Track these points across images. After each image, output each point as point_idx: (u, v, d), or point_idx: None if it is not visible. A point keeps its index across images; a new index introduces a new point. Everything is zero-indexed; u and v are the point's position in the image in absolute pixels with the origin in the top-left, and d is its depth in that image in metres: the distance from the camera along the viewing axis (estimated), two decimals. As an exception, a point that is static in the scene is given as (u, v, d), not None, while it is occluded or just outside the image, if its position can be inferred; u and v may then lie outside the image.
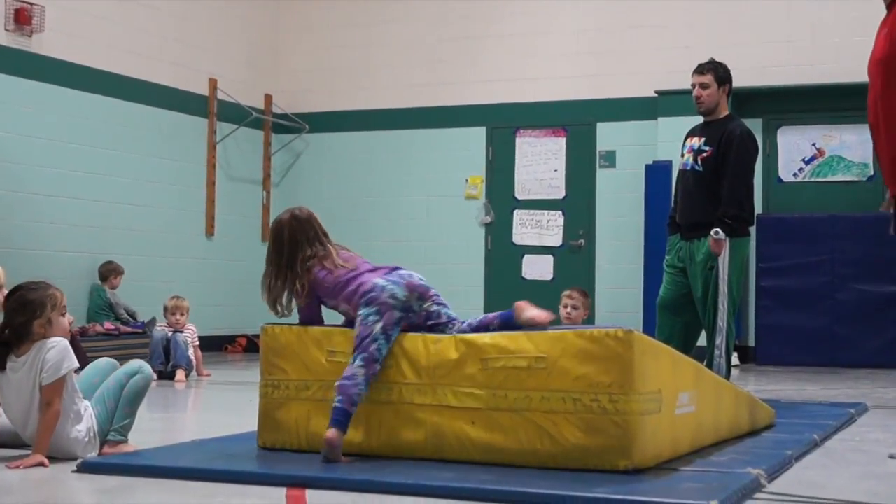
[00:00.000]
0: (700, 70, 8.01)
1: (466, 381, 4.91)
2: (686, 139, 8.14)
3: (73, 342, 8.74)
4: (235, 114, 14.34)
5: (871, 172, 13.12)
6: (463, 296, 14.26)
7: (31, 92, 11.67)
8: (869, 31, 13.10)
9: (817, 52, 13.15)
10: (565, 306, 8.43)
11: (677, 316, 7.97)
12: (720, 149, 7.77)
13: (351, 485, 4.42)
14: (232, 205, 14.46)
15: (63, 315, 5.20)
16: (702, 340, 8.02)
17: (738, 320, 8.50)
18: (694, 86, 7.99)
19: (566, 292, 8.54)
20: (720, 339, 7.62)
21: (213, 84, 14.12)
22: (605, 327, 4.82)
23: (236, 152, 14.59)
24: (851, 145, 13.24)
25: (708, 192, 7.79)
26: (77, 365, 5.12)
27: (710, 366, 7.41)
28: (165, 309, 10.55)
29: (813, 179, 13.15)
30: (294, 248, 5.40)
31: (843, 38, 13.03)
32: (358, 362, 4.99)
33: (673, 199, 8.34)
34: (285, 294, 5.36)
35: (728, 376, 7.56)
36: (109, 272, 12.23)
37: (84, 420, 5.15)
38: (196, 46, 13.98)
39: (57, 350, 5.05)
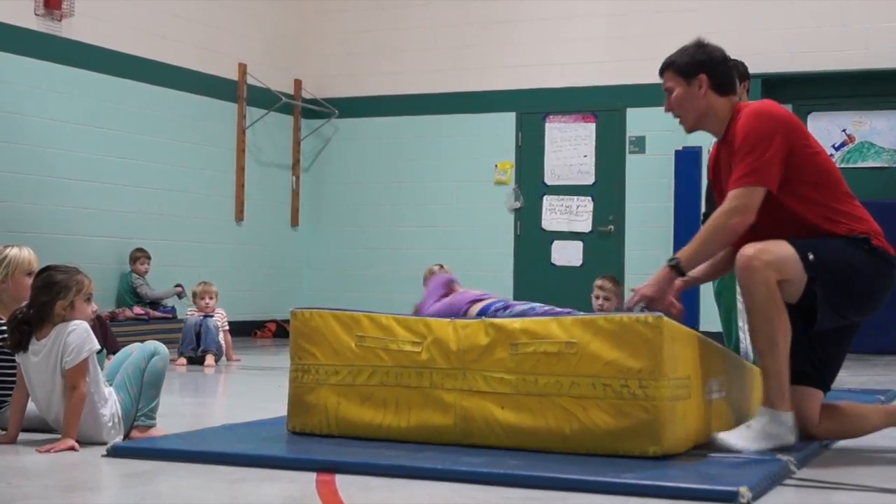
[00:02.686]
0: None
1: (496, 366, 4.91)
2: None
3: (103, 327, 8.84)
4: (265, 99, 14.35)
5: (902, 158, 13.07)
6: (492, 281, 14.24)
7: (61, 76, 11.71)
8: (901, 16, 13.03)
9: (847, 37, 13.07)
10: (597, 297, 8.41)
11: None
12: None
13: (381, 470, 4.42)
14: (261, 190, 14.49)
15: (88, 301, 5.20)
16: (715, 326, 8.01)
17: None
18: None
19: (598, 282, 8.52)
20: (742, 322, 7.59)
21: (242, 69, 14.14)
22: (635, 313, 4.81)
23: (266, 137, 14.61)
24: (882, 131, 13.18)
25: None
26: (98, 347, 5.12)
27: (736, 351, 7.41)
28: (194, 294, 10.58)
29: (843, 165, 13.08)
30: None
31: (873, 24, 12.96)
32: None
33: (705, 196, 8.29)
34: None
35: (754, 361, 7.54)
36: (136, 258, 12.26)
37: (109, 405, 5.16)
38: (225, 31, 13.99)
39: (78, 333, 5.05)
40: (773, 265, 4.89)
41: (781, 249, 4.95)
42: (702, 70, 5.37)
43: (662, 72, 5.58)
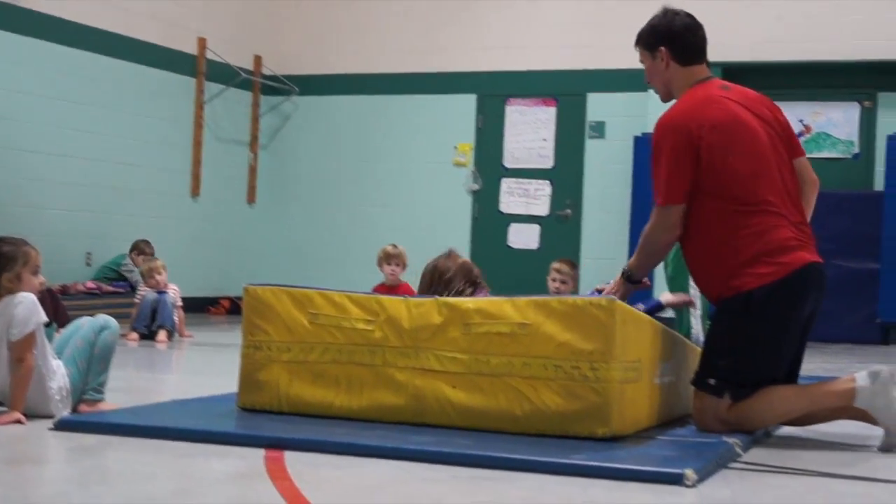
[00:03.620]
0: None
1: (449, 345, 4.92)
2: None
3: (53, 301, 8.78)
4: (224, 74, 14.29)
5: (857, 150, 13.16)
6: (448, 263, 14.25)
7: (18, 47, 11.60)
8: (859, 9, 13.13)
9: (807, 29, 13.13)
10: (553, 280, 8.43)
11: None
12: None
13: (330, 447, 4.42)
14: (219, 166, 14.41)
15: (35, 274, 5.14)
16: (670, 312, 8.04)
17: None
18: None
19: (555, 265, 8.54)
20: (695, 309, 7.65)
21: (202, 44, 14.06)
22: (588, 296, 4.83)
23: (224, 113, 14.54)
24: (838, 123, 13.26)
25: None
26: (46, 319, 5.07)
27: (687, 336, 7.45)
28: (142, 275, 10.50)
29: (800, 155, 13.14)
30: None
31: (834, 16, 13.03)
32: None
33: None
34: None
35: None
36: (142, 250, 12.18)
37: (57, 378, 5.10)
38: (186, 5, 13.90)
39: (25, 305, 4.98)
40: (711, 419, 5.05)
41: (702, 409, 5.09)
42: (662, 42, 5.38)
43: (636, 46, 5.53)
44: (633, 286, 5.37)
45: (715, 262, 5.13)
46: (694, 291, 7.64)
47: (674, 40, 5.36)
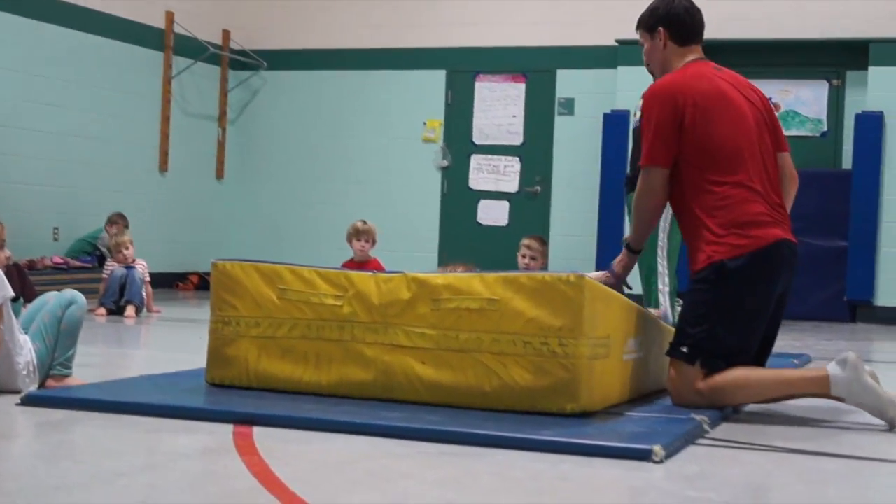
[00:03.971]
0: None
1: (418, 321, 4.92)
2: (638, 101, 8.16)
3: (20, 275, 8.74)
4: (192, 48, 14.21)
5: (825, 128, 13.21)
6: (418, 239, 14.28)
7: (-15, 21, 11.53)
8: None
9: (777, 6, 13.15)
10: (524, 256, 8.43)
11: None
12: None
13: (298, 423, 4.41)
14: (187, 141, 14.35)
15: (1, 248, 5.11)
16: (638, 289, 8.07)
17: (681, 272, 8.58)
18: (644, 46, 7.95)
19: (525, 241, 8.54)
20: (663, 285, 7.67)
21: (169, 17, 13.97)
22: (557, 272, 4.83)
23: (192, 88, 14.47)
24: (807, 101, 13.30)
25: None
26: (13, 294, 5.02)
27: (655, 306, 7.49)
28: (109, 250, 10.45)
29: (769, 133, 13.18)
30: None
31: (803, -7, 13.08)
32: None
33: (629, 160, 8.38)
34: None
35: (674, 323, 7.62)
36: (115, 221, 12.11)
37: (24, 353, 5.06)
38: (154, -21, 13.83)
39: (-10, 280, 4.96)
40: (686, 390, 5.11)
41: (677, 379, 5.15)
42: (661, 23, 5.54)
43: (637, 29, 5.71)
44: (637, 255, 5.55)
45: (694, 233, 5.24)
46: (662, 268, 7.67)
47: (672, 22, 5.53)
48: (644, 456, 3.96)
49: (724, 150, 5.23)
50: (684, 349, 5.13)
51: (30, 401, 4.72)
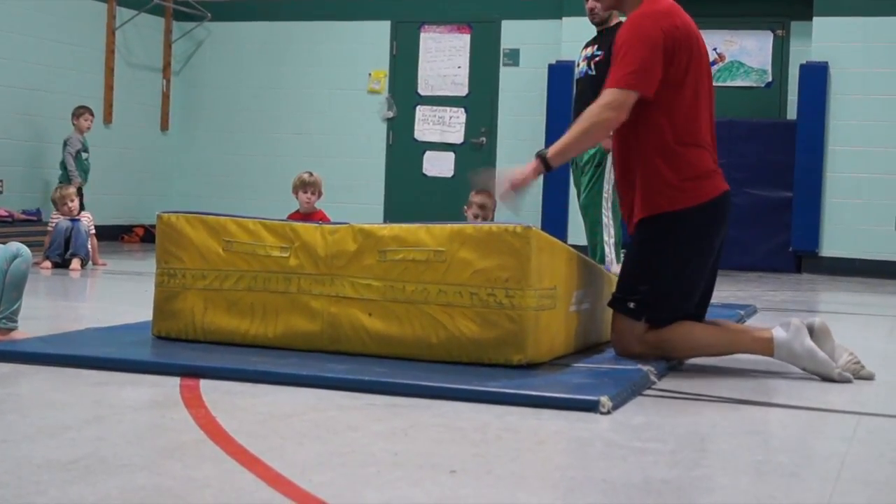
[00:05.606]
0: None
1: (364, 272, 4.91)
2: (581, 51, 8.15)
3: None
4: (135, -1, 14.07)
5: (770, 79, 13.27)
6: (364, 191, 14.26)
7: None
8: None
9: (723, -45, 13.19)
10: (475, 216, 8.39)
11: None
12: (612, 51, 7.78)
13: (245, 375, 4.41)
14: (131, 92, 14.23)
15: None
16: (582, 239, 8.10)
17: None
18: None
19: (477, 199, 8.50)
20: (609, 237, 7.70)
21: (112, -32, 13.83)
22: (503, 222, 4.83)
23: (136, 39, 14.33)
24: (751, 51, 13.35)
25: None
26: None
27: (601, 262, 7.51)
28: (54, 203, 10.33)
29: (713, 84, 13.22)
30: None
31: (749, -57, 13.11)
32: None
33: (572, 109, 8.38)
34: None
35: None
36: (73, 114, 12.11)
37: (-33, 306, 5.04)
38: (96, -71, 13.66)
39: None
40: (630, 340, 5.09)
41: (621, 330, 5.12)
42: None
43: None
44: (546, 171, 5.22)
45: (649, 181, 5.10)
46: (607, 220, 7.70)
47: None
48: (591, 407, 3.99)
49: (693, 98, 5.13)
50: (631, 304, 5.08)
51: (-26, 355, 4.69)
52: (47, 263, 9.85)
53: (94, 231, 10.32)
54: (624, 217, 5.35)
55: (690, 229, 5.08)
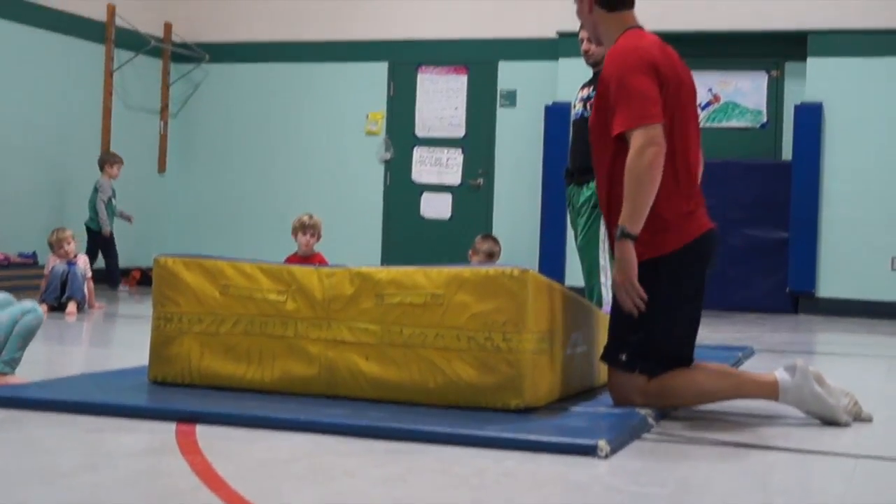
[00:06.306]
0: None
1: (361, 316, 4.90)
2: (577, 93, 8.17)
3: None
4: (133, 41, 14.09)
5: (765, 119, 13.30)
6: (361, 232, 14.25)
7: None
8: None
9: (718, -3, 13.25)
10: (480, 262, 8.38)
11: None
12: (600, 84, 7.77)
13: (242, 420, 4.40)
14: (129, 134, 14.23)
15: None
16: (580, 281, 8.09)
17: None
18: (582, 40, 7.91)
19: (484, 246, 8.50)
20: (606, 278, 7.68)
21: (110, 10, 13.85)
22: (501, 266, 4.83)
23: (134, 80, 14.36)
24: (746, 92, 13.38)
25: None
26: None
27: (598, 305, 7.49)
28: (51, 246, 10.32)
29: (709, 125, 13.26)
30: None
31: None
32: None
33: (569, 150, 8.40)
34: None
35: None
36: (105, 161, 12.48)
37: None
38: (93, -28, 13.71)
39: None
40: (629, 392, 4.93)
41: (618, 384, 4.98)
42: None
43: None
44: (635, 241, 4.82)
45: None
46: (604, 262, 7.69)
47: None
48: (589, 451, 3.98)
49: (682, 132, 5.01)
50: (623, 357, 4.93)
51: (-31, 400, 4.67)
52: (43, 307, 9.81)
53: (90, 274, 10.31)
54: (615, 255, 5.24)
55: (677, 271, 4.92)
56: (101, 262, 12.31)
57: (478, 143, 14.13)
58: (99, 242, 12.41)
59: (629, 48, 5.04)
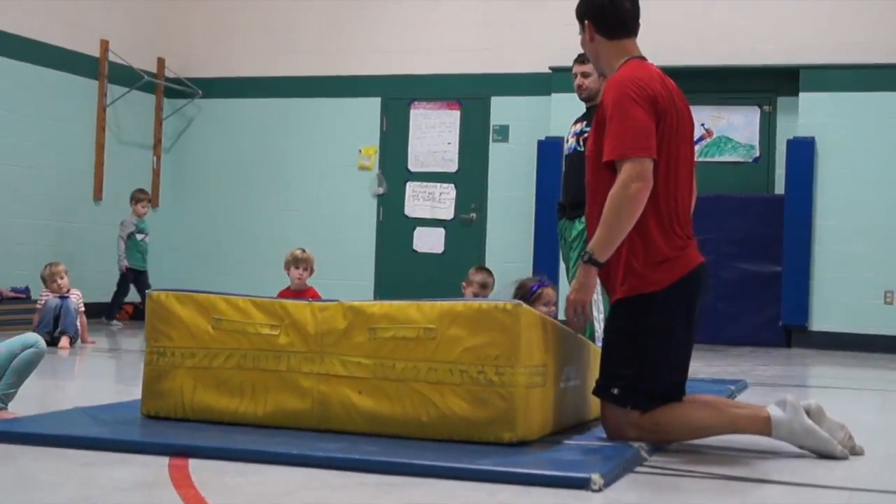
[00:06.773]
0: (581, 59, 7.74)
1: (354, 350, 4.90)
2: (570, 127, 8.19)
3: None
4: (127, 76, 14.12)
5: (757, 154, 13.34)
6: (354, 267, 14.25)
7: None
8: (758, 14, 13.32)
9: (707, 33, 13.29)
10: (475, 294, 8.41)
11: None
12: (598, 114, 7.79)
13: (235, 454, 4.39)
14: (122, 169, 14.24)
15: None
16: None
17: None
18: (576, 74, 7.92)
19: (477, 278, 8.53)
20: (598, 312, 7.69)
21: (104, 45, 13.89)
22: (494, 300, 4.83)
23: (127, 116, 14.38)
24: (739, 127, 13.43)
25: None
26: None
27: (592, 339, 7.49)
28: (44, 280, 10.31)
29: (701, 160, 13.29)
30: None
31: (733, 20, 13.22)
32: None
33: (562, 185, 8.42)
34: None
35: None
36: (131, 198, 13.14)
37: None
38: (87, 6, 13.74)
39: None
40: (623, 427, 4.91)
41: (611, 418, 4.96)
42: (586, 16, 5.26)
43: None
44: (600, 269, 4.91)
45: (618, 259, 4.93)
46: (596, 296, 7.69)
47: (596, 14, 5.23)
48: (582, 484, 3.97)
49: (675, 167, 5.00)
50: (615, 391, 4.91)
51: (-38, 435, 4.66)
52: (37, 341, 9.79)
53: (83, 308, 10.30)
54: (606, 289, 5.23)
55: (670, 305, 4.90)
56: (94, 295, 12.30)
57: (471, 177, 14.15)
58: (129, 278, 12.99)
59: (630, 78, 5.05)
